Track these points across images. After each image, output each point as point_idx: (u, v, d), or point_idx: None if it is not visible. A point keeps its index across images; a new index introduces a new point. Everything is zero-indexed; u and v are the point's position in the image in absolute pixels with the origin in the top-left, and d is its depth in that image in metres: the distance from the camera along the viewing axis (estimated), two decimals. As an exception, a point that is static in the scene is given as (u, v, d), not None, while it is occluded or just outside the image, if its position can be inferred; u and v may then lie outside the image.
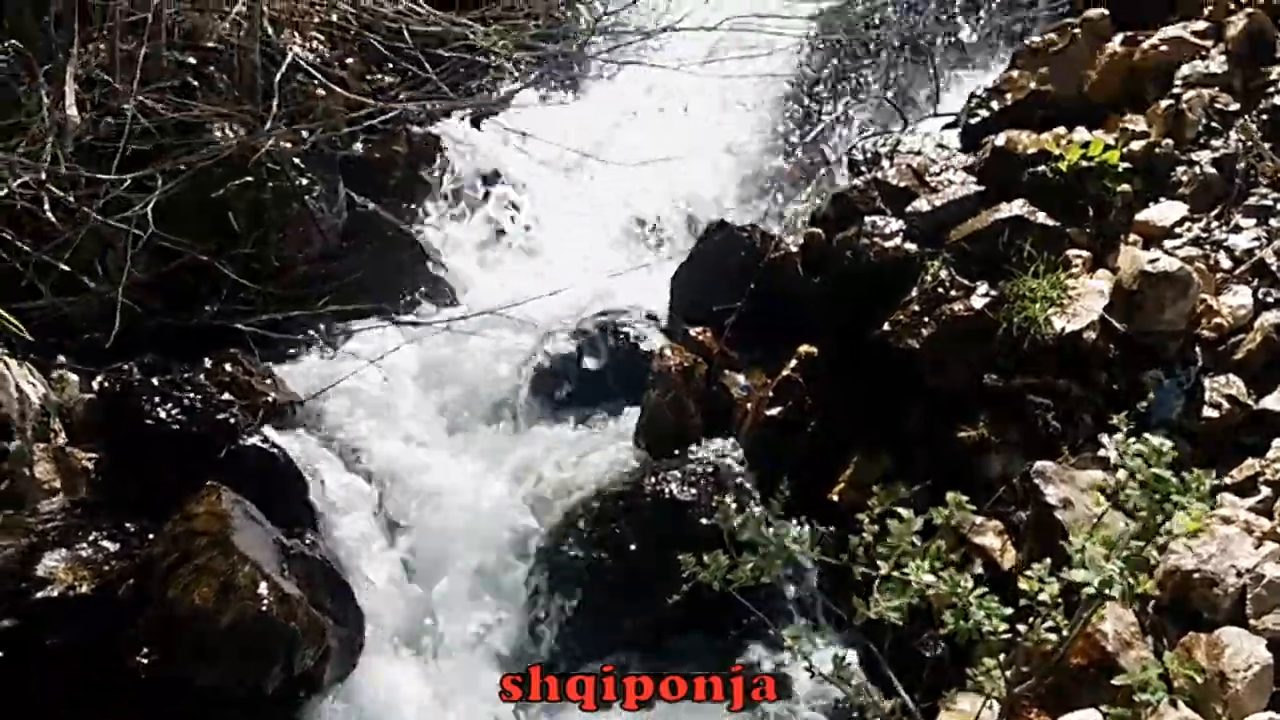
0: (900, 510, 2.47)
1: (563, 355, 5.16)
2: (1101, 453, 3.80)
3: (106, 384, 4.31)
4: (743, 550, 2.71)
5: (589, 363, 5.15)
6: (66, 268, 4.04)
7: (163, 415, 4.16)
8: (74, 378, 4.49)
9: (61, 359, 4.60)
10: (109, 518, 3.96)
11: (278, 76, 4.03)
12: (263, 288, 4.56)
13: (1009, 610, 2.41)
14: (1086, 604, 2.32)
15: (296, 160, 5.42)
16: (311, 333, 5.27)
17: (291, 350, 5.11)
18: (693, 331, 5.00)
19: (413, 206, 6.26)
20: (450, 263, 5.90)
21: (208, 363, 4.63)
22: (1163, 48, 4.81)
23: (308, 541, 4.00)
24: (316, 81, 5.10)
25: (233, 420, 4.22)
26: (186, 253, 4.42)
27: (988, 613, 2.30)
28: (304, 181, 5.51)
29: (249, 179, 5.18)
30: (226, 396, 4.33)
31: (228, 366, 4.64)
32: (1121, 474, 2.57)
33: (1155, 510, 2.22)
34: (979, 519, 3.76)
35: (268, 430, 4.34)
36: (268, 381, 4.65)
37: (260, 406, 4.44)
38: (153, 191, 3.46)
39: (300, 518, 4.16)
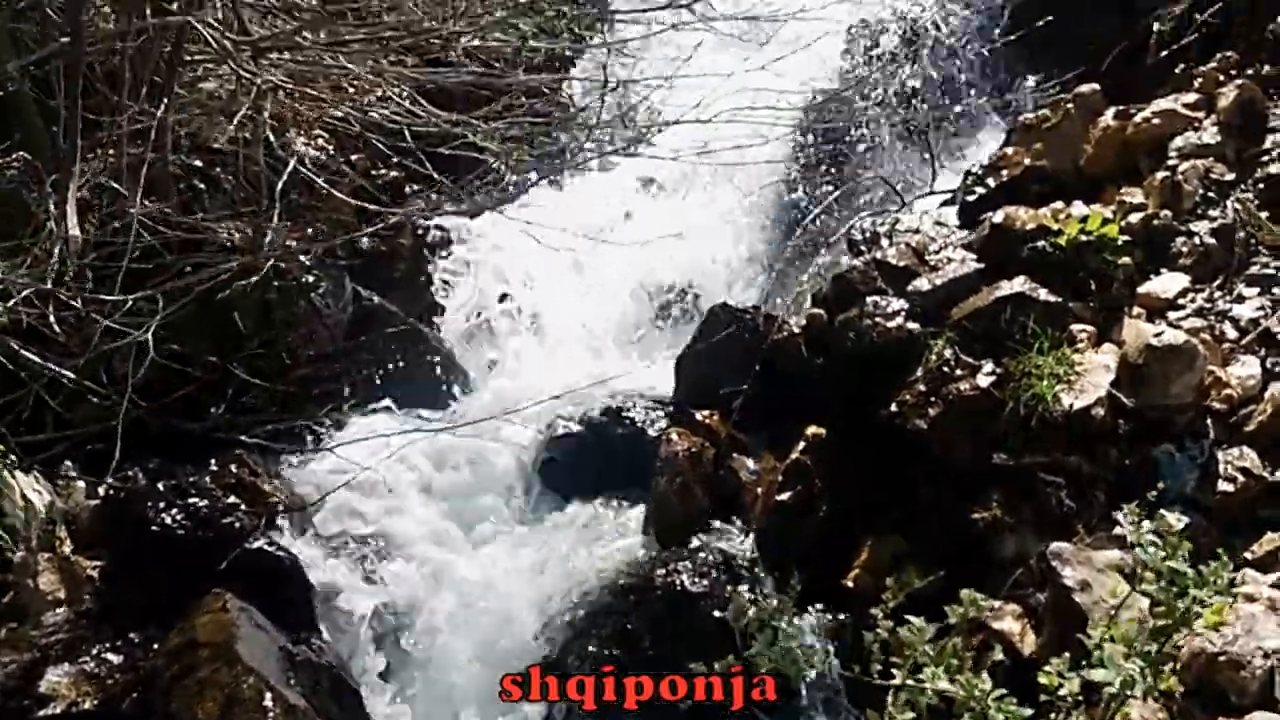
0: (912, 620, 2.41)
1: (569, 443, 5.14)
2: (1118, 530, 3.72)
3: (111, 491, 4.30)
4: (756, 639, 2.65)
5: (596, 449, 5.12)
6: (71, 375, 4.06)
7: (168, 521, 4.15)
8: (80, 484, 4.49)
9: (68, 465, 4.60)
10: (113, 628, 3.92)
11: (282, 180, 4.08)
12: (269, 386, 4.58)
13: (1029, 711, 2.34)
14: (1108, 705, 2.25)
15: (302, 258, 5.48)
16: (319, 429, 5.27)
17: (298, 449, 5.10)
18: (700, 414, 4.98)
19: (419, 298, 6.29)
20: (458, 352, 5.92)
21: (213, 465, 4.62)
22: (1155, 120, 4.85)
23: (314, 647, 3.95)
24: (322, 180, 5.17)
25: (238, 524, 4.20)
26: (192, 357, 4.44)
27: (1007, 716, 2.23)
28: (310, 279, 5.56)
29: (255, 278, 5.23)
30: (232, 499, 4.32)
31: (233, 468, 4.62)
32: (1139, 555, 2.52)
33: (1173, 605, 2.16)
34: (997, 603, 3.69)
35: (274, 533, 4.31)
36: (274, 482, 4.63)
37: (267, 508, 4.42)
38: (158, 304, 3.50)
39: (307, 622, 4.12)
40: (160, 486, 4.25)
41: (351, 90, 5.99)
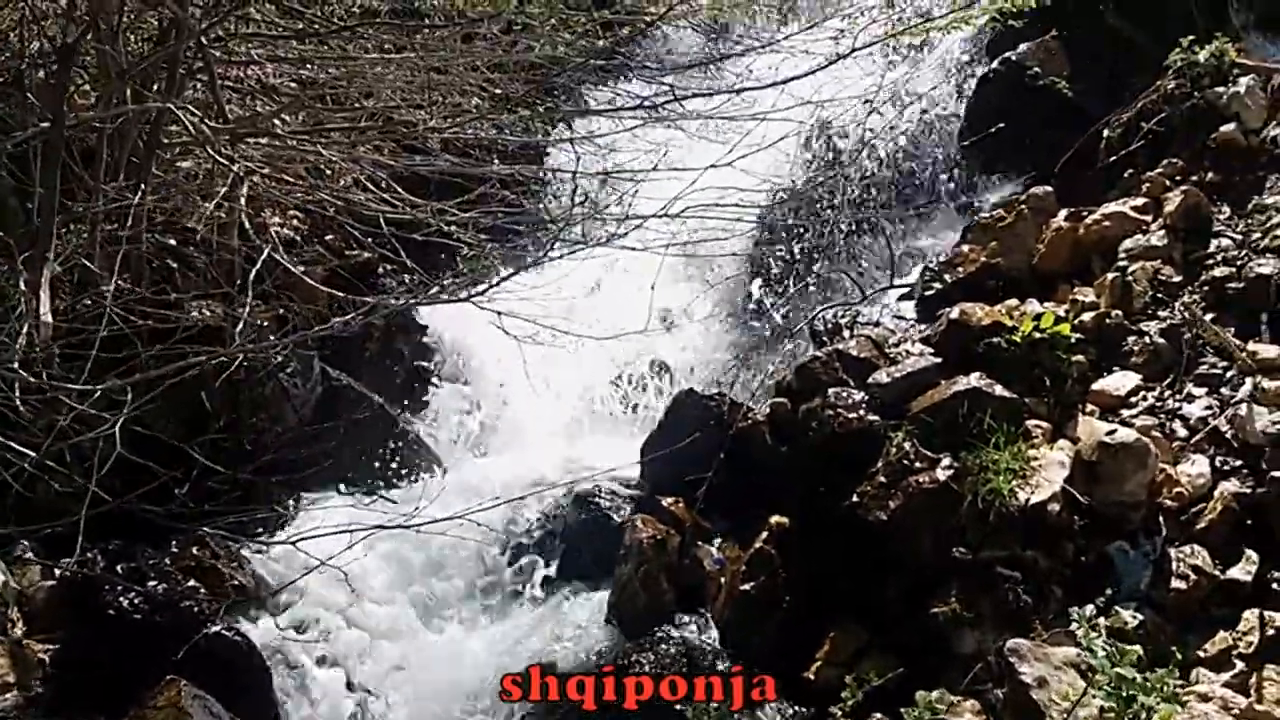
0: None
1: (533, 530, 5.15)
2: (1074, 627, 3.78)
3: (68, 573, 4.24)
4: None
5: (561, 536, 5.13)
6: (32, 454, 4.02)
7: (124, 605, 4.09)
8: (36, 566, 4.41)
9: (24, 545, 4.52)
10: (63, 715, 3.82)
11: (256, 267, 4.12)
12: (232, 473, 4.55)
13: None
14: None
15: (271, 337, 5.49)
16: (282, 510, 5.23)
17: (261, 531, 5.06)
18: (665, 502, 5.02)
19: (389, 378, 6.31)
20: (425, 436, 5.92)
21: (174, 547, 4.57)
22: (1105, 223, 5.05)
23: (271, 737, 3.88)
24: (295, 265, 5.21)
25: (198, 609, 4.15)
26: (156, 438, 4.41)
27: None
28: (279, 358, 5.57)
29: (224, 358, 5.23)
30: (192, 583, 4.28)
31: (194, 550, 4.58)
32: (1089, 659, 2.57)
33: (1123, 712, 2.21)
34: (955, 698, 3.72)
35: (234, 618, 4.25)
36: (235, 565, 4.59)
37: (227, 593, 4.37)
38: (128, 393, 3.49)
39: (265, 711, 4.04)
40: (119, 569, 4.20)
41: (328, 173, 6.08)
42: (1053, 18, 5.43)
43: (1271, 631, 3.60)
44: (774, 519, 4.66)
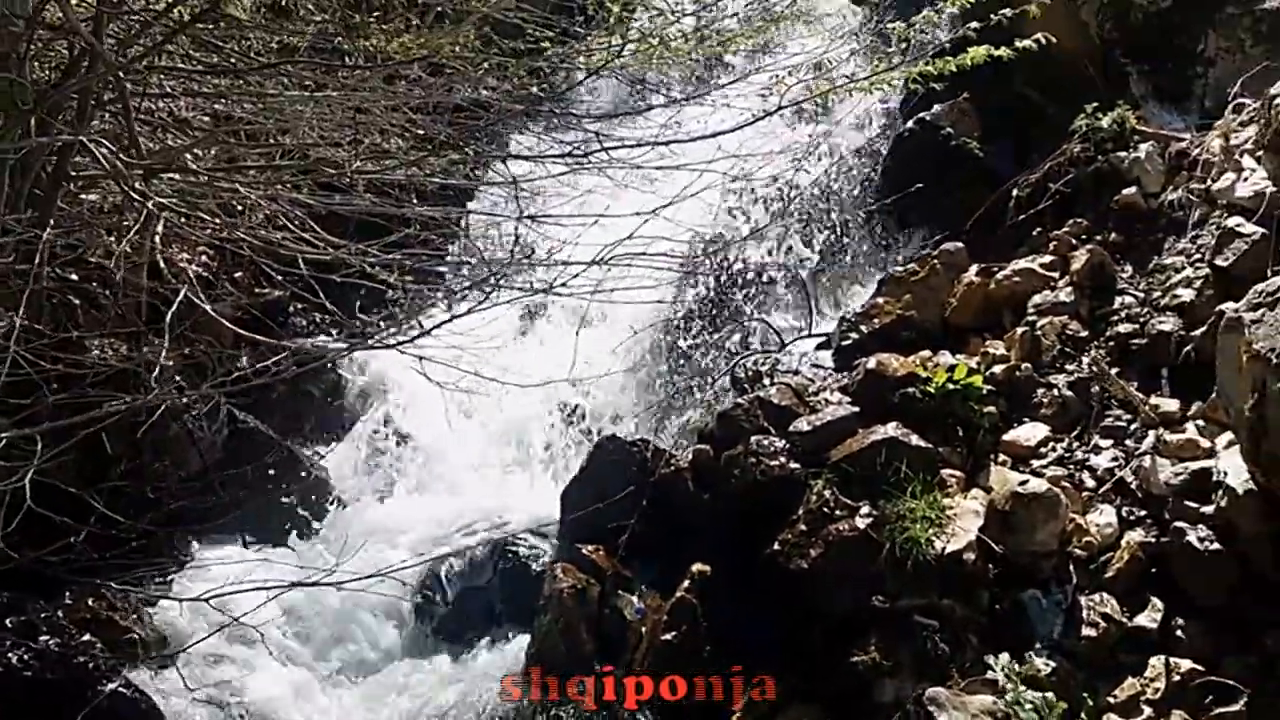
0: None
1: (449, 578, 5.04)
2: (990, 675, 3.86)
3: (-48, 628, 3.99)
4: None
5: (477, 586, 5.03)
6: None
7: (14, 661, 3.86)
8: (-84, 620, 4.14)
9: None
10: (-56, 782, 3.58)
11: (172, 310, 3.97)
12: (133, 524, 4.35)
13: None
14: None
15: (178, 378, 5.30)
16: (184, 559, 5.02)
17: (160, 580, 4.84)
18: (585, 549, 4.96)
19: (298, 420, 6.15)
20: (334, 481, 5.77)
21: (68, 598, 4.34)
22: (1015, 278, 5.23)
23: (170, 800, 3.69)
24: (204, 302, 5.05)
25: (92, 665, 3.93)
26: (52, 484, 4.20)
27: None
28: (183, 400, 5.37)
29: (126, 398, 5.03)
30: (87, 637, 4.05)
31: (90, 602, 4.37)
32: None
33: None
34: (876, 748, 3.74)
35: (132, 674, 4.05)
36: (134, 618, 4.38)
37: (124, 646, 4.15)
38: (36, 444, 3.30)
39: (164, 772, 3.84)
40: (8, 623, 3.96)
41: (241, 209, 5.94)
42: (966, 82, 5.64)
43: (1177, 678, 3.73)
44: (696, 567, 4.65)
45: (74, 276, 5.51)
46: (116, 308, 5.49)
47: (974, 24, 5.37)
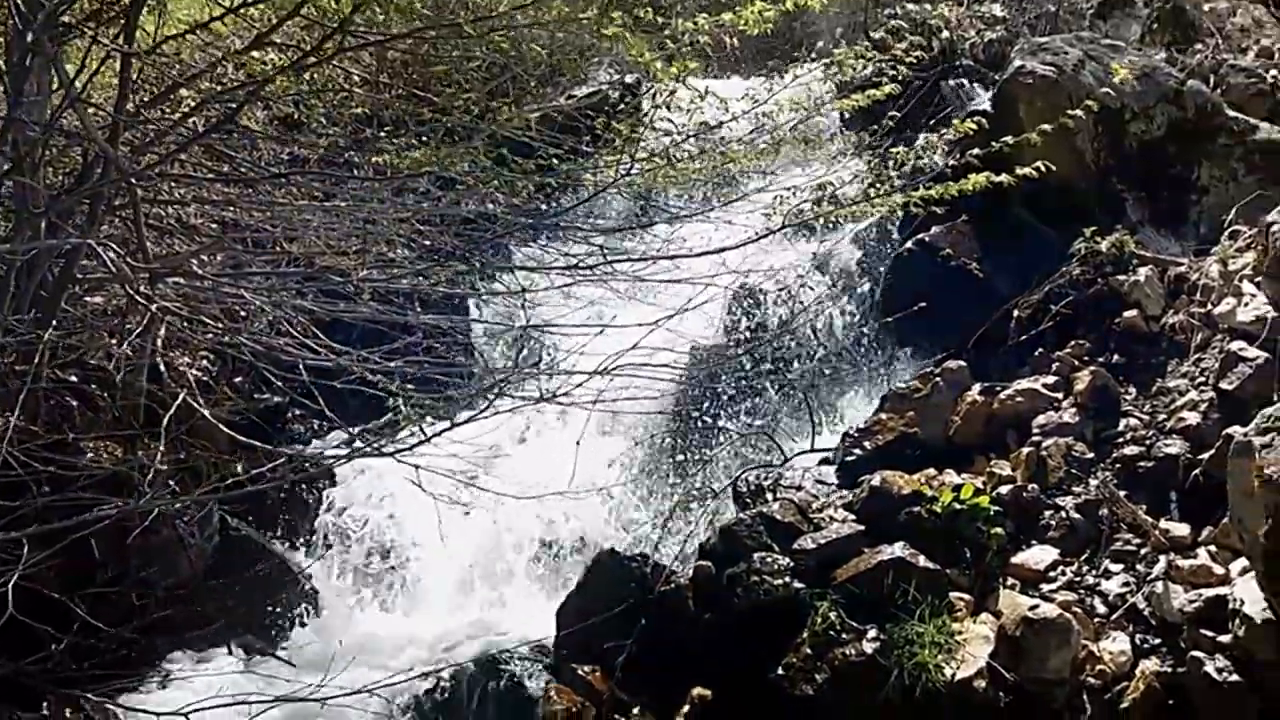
0: None
1: (441, 698, 4.85)
2: (1004, 812, 3.70)
3: (-79, 742, 3.82)
4: None
5: (469, 706, 4.84)
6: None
7: (-17, 779, 3.67)
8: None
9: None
10: None
11: (169, 414, 3.93)
12: (118, 633, 4.21)
13: None
14: None
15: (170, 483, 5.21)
16: (167, 668, 4.85)
17: (142, 691, 4.66)
18: (581, 670, 4.79)
19: (291, 529, 6.03)
20: (326, 595, 5.62)
21: (46, 709, 4.17)
22: (1018, 398, 5.22)
23: None
24: (202, 407, 5.01)
25: (66, 784, 3.75)
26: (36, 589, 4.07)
27: None
28: (176, 506, 5.27)
29: (118, 502, 4.93)
30: (62, 753, 3.87)
31: (68, 713, 4.19)
32: None
33: None
34: None
35: (105, 795, 3.86)
36: (112, 732, 4.20)
37: (99, 765, 3.97)
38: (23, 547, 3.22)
39: None
40: (-20, 736, 3.79)
41: (244, 314, 5.95)
42: (964, 205, 5.75)
43: (1200, 818, 3.57)
44: (696, 691, 4.50)
45: (73, 378, 5.48)
46: (114, 410, 5.45)
47: (975, 150, 5.49)
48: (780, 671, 4.27)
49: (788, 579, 4.54)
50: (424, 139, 5.81)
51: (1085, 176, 6.14)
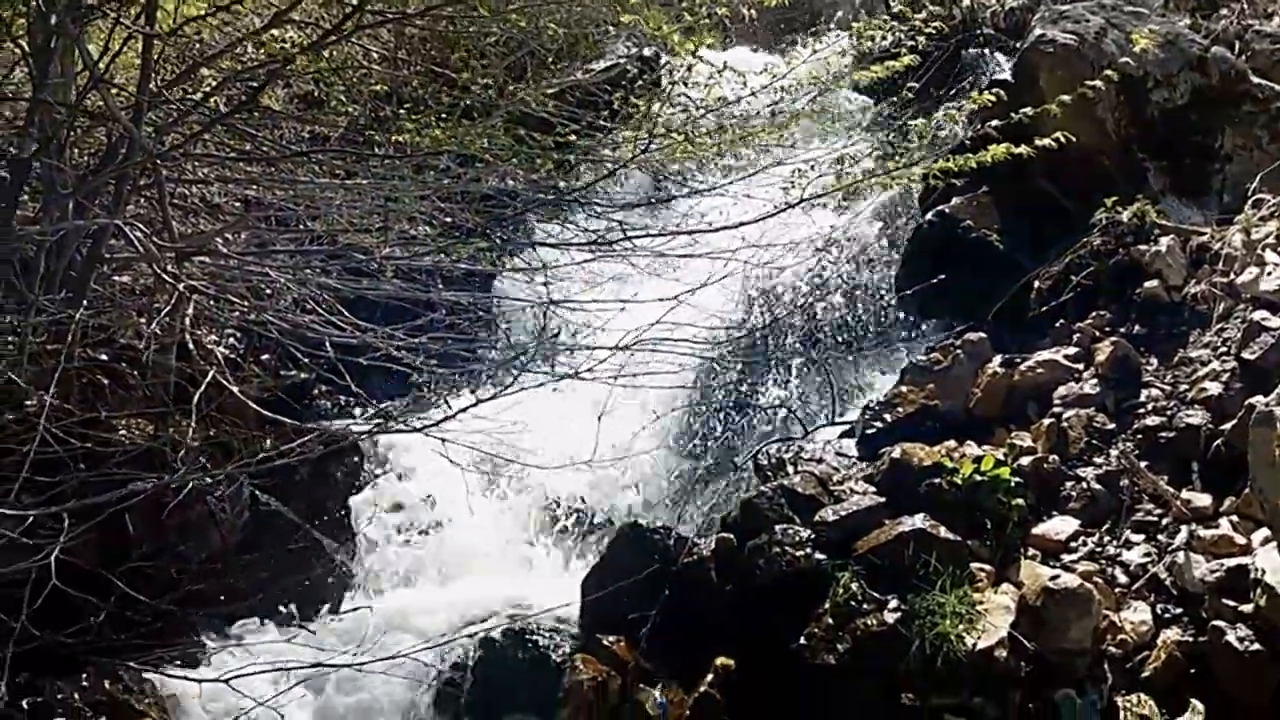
0: None
1: (467, 668, 4.93)
2: (1025, 778, 3.75)
3: (-34, 712, 3.94)
4: None
5: (496, 676, 4.93)
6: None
7: (28, 747, 3.79)
8: (-72, 701, 4.08)
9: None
10: None
11: (199, 392, 4.00)
12: (155, 604, 4.31)
13: None
14: None
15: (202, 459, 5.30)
16: (203, 640, 4.96)
17: (179, 661, 4.77)
18: (606, 640, 4.86)
19: (321, 504, 6.12)
20: (357, 565, 5.72)
21: (84, 680, 4.28)
22: (1039, 370, 5.22)
23: None
24: (231, 383, 5.09)
25: (107, 752, 3.86)
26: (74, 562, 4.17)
27: None
28: (208, 480, 5.36)
29: (153, 478, 5.02)
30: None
31: (107, 684, 4.30)
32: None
33: None
34: None
35: (146, 762, 3.97)
36: (150, 702, 4.30)
37: (137, 735, 4.08)
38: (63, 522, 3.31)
39: None
40: (24, 704, 3.90)
41: (270, 292, 6.02)
42: (985, 176, 5.73)
43: (1221, 784, 3.61)
44: (720, 660, 4.56)
45: (104, 356, 5.57)
46: (144, 388, 5.54)
47: (994, 121, 5.46)
48: (802, 641, 4.31)
49: (809, 550, 4.58)
50: (443, 116, 5.84)
51: (1106, 146, 6.09)
